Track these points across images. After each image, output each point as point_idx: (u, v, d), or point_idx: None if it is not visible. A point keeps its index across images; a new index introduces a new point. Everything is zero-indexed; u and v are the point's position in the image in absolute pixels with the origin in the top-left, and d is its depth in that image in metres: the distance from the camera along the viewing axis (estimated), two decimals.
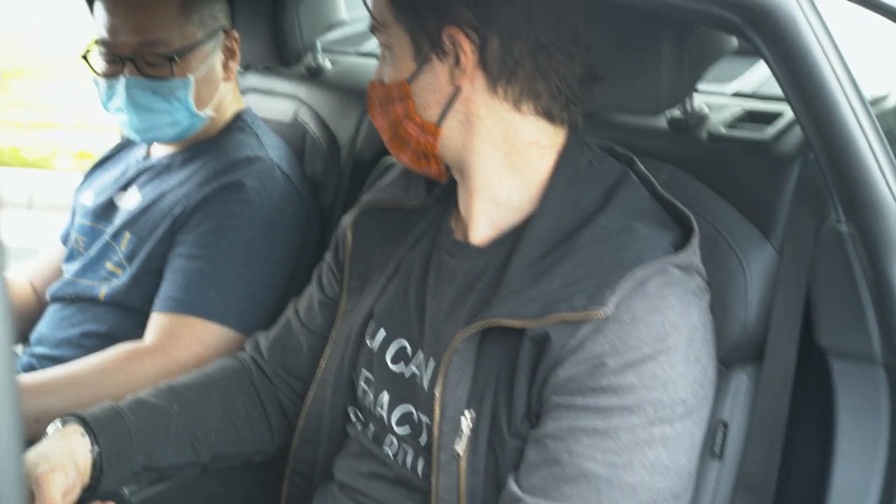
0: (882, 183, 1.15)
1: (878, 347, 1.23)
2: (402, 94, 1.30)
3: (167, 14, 1.89)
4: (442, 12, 1.24)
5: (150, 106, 1.90)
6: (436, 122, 1.29)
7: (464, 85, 1.26)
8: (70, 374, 1.74)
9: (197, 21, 1.93)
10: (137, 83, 1.88)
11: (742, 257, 1.35)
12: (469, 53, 1.24)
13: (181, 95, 1.91)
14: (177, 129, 1.95)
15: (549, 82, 1.26)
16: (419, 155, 1.33)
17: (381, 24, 1.31)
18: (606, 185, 1.28)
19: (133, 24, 1.87)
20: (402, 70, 1.30)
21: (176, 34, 1.89)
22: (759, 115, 1.54)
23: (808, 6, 1.08)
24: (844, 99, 1.11)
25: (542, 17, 1.23)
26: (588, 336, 1.15)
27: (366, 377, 1.42)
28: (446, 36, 1.24)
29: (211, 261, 1.84)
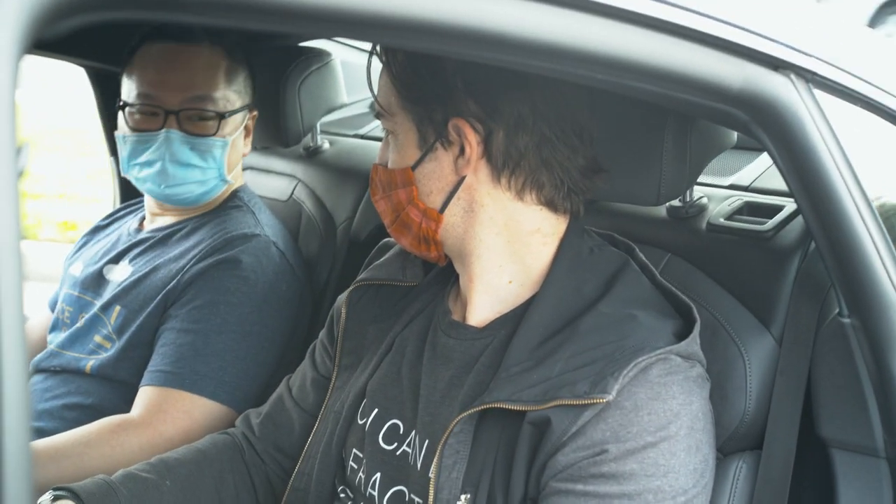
0: (885, 278, 1.17)
1: (881, 441, 1.24)
2: (405, 180, 1.31)
3: (215, 75, 1.97)
4: (448, 104, 1.26)
5: (187, 161, 1.94)
6: (439, 209, 1.30)
7: (468, 174, 1.28)
8: (53, 446, 1.71)
9: (236, 89, 2.01)
10: (179, 137, 1.93)
11: (742, 347, 1.36)
12: (474, 145, 1.26)
13: (217, 155, 1.96)
14: (202, 189, 1.99)
15: (553, 174, 1.27)
16: (420, 240, 1.33)
17: (386, 112, 1.32)
18: (607, 273, 1.29)
19: (183, 80, 1.93)
20: (406, 157, 1.31)
21: (221, 95, 1.97)
22: (759, 207, 1.57)
23: (813, 104, 1.12)
24: (848, 195, 1.13)
25: (546, 111, 1.25)
26: (589, 422, 1.14)
27: (355, 455, 1.40)
28: (452, 127, 1.26)
29: (204, 335, 1.83)
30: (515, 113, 1.24)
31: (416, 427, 1.32)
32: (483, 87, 1.24)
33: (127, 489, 1.41)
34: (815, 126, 1.11)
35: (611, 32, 0.96)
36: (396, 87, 1.29)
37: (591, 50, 0.95)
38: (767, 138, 1.12)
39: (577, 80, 1.12)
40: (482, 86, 1.24)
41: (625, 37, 0.97)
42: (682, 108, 1.31)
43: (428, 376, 1.34)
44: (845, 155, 1.13)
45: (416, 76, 1.27)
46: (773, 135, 1.11)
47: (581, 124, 1.28)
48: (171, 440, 1.73)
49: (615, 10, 0.95)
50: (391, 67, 1.29)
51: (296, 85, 2.22)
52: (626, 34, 0.97)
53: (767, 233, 1.46)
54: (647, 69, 1.00)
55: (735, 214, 1.55)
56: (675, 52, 1.01)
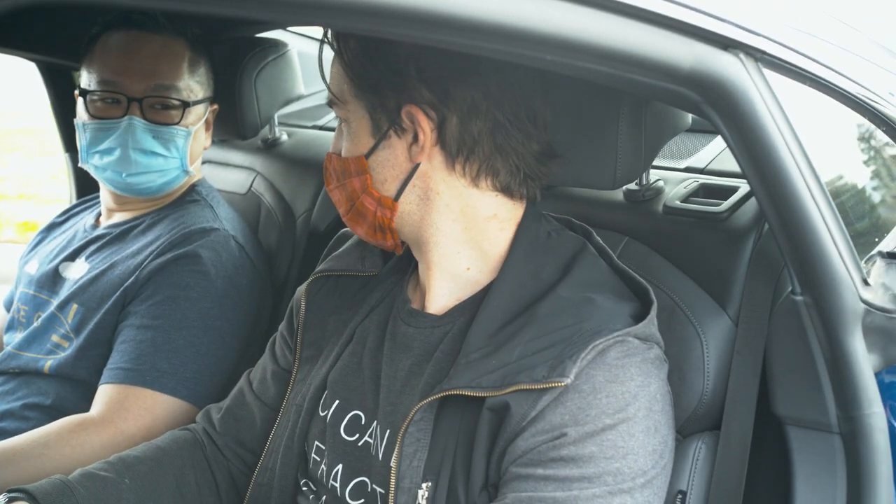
0: (836, 255, 1.18)
1: (834, 417, 1.25)
2: (359, 168, 1.30)
3: (179, 65, 1.96)
4: (401, 90, 1.25)
5: (150, 149, 1.93)
6: (393, 197, 1.29)
7: (422, 161, 1.27)
8: (10, 447, 1.68)
9: (199, 80, 2.01)
10: (142, 125, 1.91)
11: (699, 328, 1.37)
12: (427, 131, 1.25)
13: (180, 144, 1.95)
14: (163, 179, 1.98)
15: (507, 160, 1.27)
16: (376, 228, 1.33)
17: (339, 100, 1.31)
18: (565, 257, 1.29)
19: (147, 67, 1.92)
20: (360, 145, 1.30)
21: (184, 85, 1.96)
22: (714, 189, 1.58)
23: (764, 85, 1.12)
24: (799, 174, 1.14)
25: (499, 97, 1.25)
26: (548, 406, 1.15)
27: (317, 447, 1.40)
28: (405, 114, 1.25)
29: (164, 331, 1.81)
30: (469, 99, 1.24)
31: (377, 417, 1.32)
32: (436, 73, 1.23)
33: (84, 488, 1.39)
34: (765, 105, 1.11)
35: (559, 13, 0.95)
36: (349, 74, 1.28)
37: (539, 31, 0.95)
38: (718, 118, 1.13)
39: (525, 61, 1.12)
40: (435, 72, 1.23)
41: (573, 17, 0.97)
42: (634, 90, 1.31)
43: (388, 365, 1.34)
44: (796, 134, 1.14)
45: (368, 63, 1.26)
46: (724, 115, 1.12)
47: (535, 110, 1.28)
48: (132, 438, 1.72)
49: None
50: (343, 55, 1.28)
51: (252, 76, 2.21)
52: (575, 14, 0.97)
53: (722, 214, 1.47)
54: (596, 50, 1.00)
55: (691, 197, 1.56)
56: (624, 33, 1.01)
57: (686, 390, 1.35)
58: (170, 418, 1.77)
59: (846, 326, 1.20)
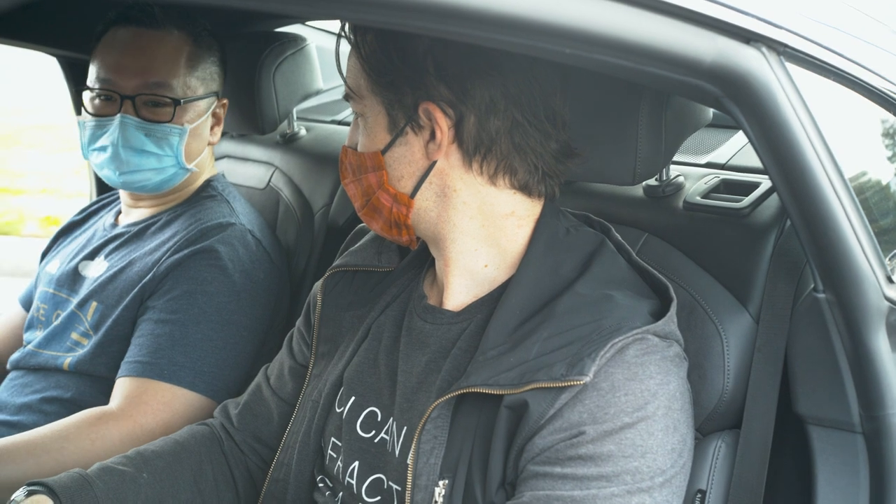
0: (859, 252, 1.17)
1: (857, 416, 1.23)
2: (376, 164, 1.29)
3: (175, 61, 1.94)
4: (419, 88, 1.24)
5: (141, 147, 1.91)
6: (409, 194, 1.29)
7: (439, 159, 1.26)
8: (30, 440, 1.69)
9: (200, 76, 1.98)
10: (133, 122, 1.90)
11: (719, 325, 1.35)
12: (445, 129, 1.24)
13: (174, 142, 1.93)
14: (160, 177, 1.96)
15: (525, 159, 1.26)
16: (391, 224, 1.32)
17: (356, 94, 1.30)
18: (584, 254, 1.28)
19: (140, 65, 1.91)
20: (376, 141, 1.29)
21: (180, 82, 1.94)
22: (735, 185, 1.57)
23: (786, 79, 1.10)
24: (822, 169, 1.12)
25: (518, 96, 1.24)
26: (567, 404, 1.14)
27: (334, 444, 1.39)
28: (422, 111, 1.24)
29: (181, 325, 1.82)
30: (487, 97, 1.22)
31: (393, 414, 1.31)
32: (454, 70, 1.22)
33: (103, 482, 1.40)
34: (787, 100, 1.09)
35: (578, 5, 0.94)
36: (366, 69, 1.27)
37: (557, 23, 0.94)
38: (740, 113, 1.11)
39: (544, 55, 1.11)
40: (453, 70, 1.22)
41: (593, 10, 0.96)
42: (654, 84, 1.30)
43: (405, 362, 1.33)
44: (819, 129, 1.12)
45: (386, 60, 1.25)
46: (746, 109, 1.10)
47: (554, 109, 1.26)
48: (151, 432, 1.72)
49: None
50: (360, 50, 1.27)
51: (271, 71, 2.20)
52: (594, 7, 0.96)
53: (744, 210, 1.45)
54: (616, 43, 0.99)
55: (711, 192, 1.55)
56: (644, 25, 1.00)
57: (706, 388, 1.34)
58: (188, 412, 1.77)
59: (869, 325, 1.18)
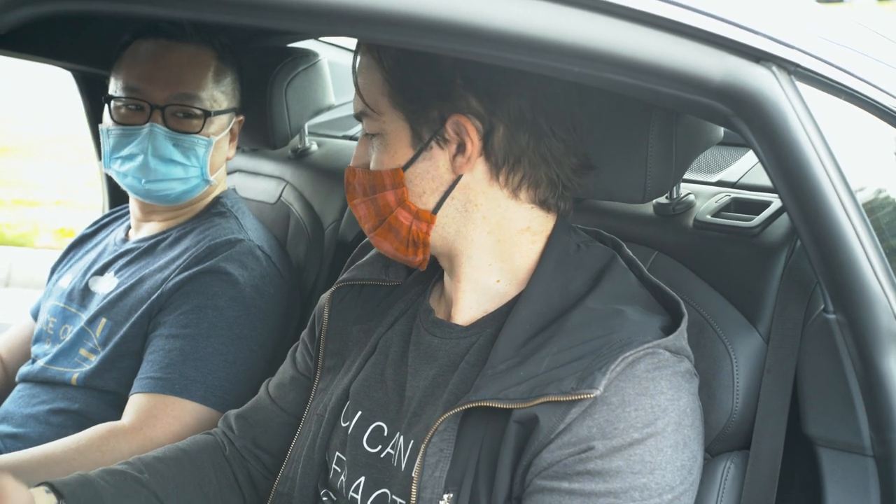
0: (870, 273, 1.16)
1: (868, 439, 1.22)
2: (395, 181, 1.28)
3: (203, 74, 1.97)
4: (446, 100, 1.23)
5: (169, 157, 1.93)
6: (432, 210, 1.28)
7: (465, 173, 1.26)
8: (43, 453, 1.70)
9: (224, 91, 2.01)
10: (163, 132, 1.92)
11: (729, 345, 1.34)
12: (476, 141, 1.23)
13: (200, 153, 1.96)
14: (183, 187, 1.98)
15: (550, 171, 1.26)
16: (408, 244, 1.31)
17: (374, 111, 1.29)
18: (594, 270, 1.28)
19: (171, 76, 1.93)
20: (397, 157, 1.27)
21: (207, 95, 1.97)
22: (746, 203, 1.56)
23: (796, 98, 1.10)
24: (832, 189, 1.11)
25: (546, 106, 1.23)
26: (576, 418, 1.13)
27: (338, 458, 1.39)
28: (451, 124, 1.23)
29: (192, 340, 1.82)
30: (516, 108, 1.22)
31: (400, 429, 1.31)
32: (483, 81, 1.21)
33: (104, 480, 1.39)
34: (797, 119, 1.09)
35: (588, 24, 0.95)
36: (389, 84, 1.26)
37: (568, 42, 0.94)
38: (750, 132, 1.11)
39: (554, 73, 1.11)
40: (482, 80, 1.21)
41: (603, 29, 0.96)
42: (664, 103, 1.30)
43: (412, 376, 1.33)
44: (829, 149, 1.12)
45: (412, 73, 1.24)
46: (756, 128, 1.10)
47: (576, 118, 1.27)
48: (161, 445, 1.72)
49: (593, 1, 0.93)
50: (383, 63, 1.26)
51: (283, 86, 2.21)
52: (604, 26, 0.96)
53: (754, 229, 1.45)
54: (625, 61, 0.99)
55: (722, 211, 1.54)
56: (654, 44, 1.00)
57: (715, 408, 1.33)
58: (199, 426, 1.77)
59: (881, 347, 1.17)
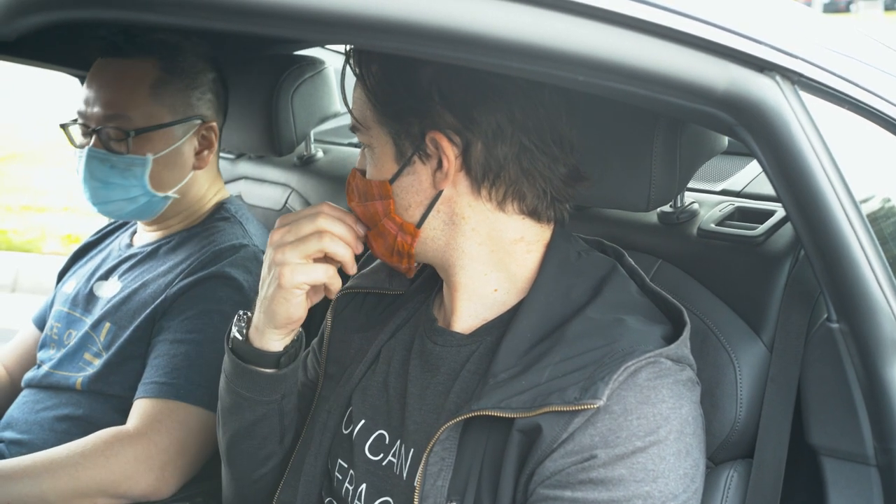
0: (874, 282, 1.16)
1: (871, 449, 1.22)
2: (382, 193, 1.29)
3: (135, 92, 1.92)
4: (424, 116, 1.24)
5: (106, 179, 1.91)
6: (416, 224, 1.28)
7: (446, 188, 1.26)
8: (48, 458, 1.71)
9: (166, 105, 1.95)
10: (97, 154, 1.90)
11: (732, 353, 1.34)
12: (451, 158, 1.24)
13: (137, 173, 1.92)
14: (134, 206, 1.96)
15: (534, 184, 1.26)
16: (393, 252, 1.32)
17: (362, 125, 1.30)
18: (595, 278, 1.28)
19: (103, 98, 1.90)
20: (384, 170, 1.29)
21: (139, 112, 1.91)
22: (750, 212, 1.56)
23: (799, 106, 1.10)
24: (835, 198, 1.12)
25: (524, 121, 1.23)
26: (579, 427, 1.13)
27: (340, 466, 1.39)
28: (429, 140, 1.24)
29: (197, 345, 1.82)
30: (493, 124, 1.22)
31: (401, 436, 1.31)
32: (459, 98, 1.22)
33: None
34: (801, 128, 1.09)
35: (592, 33, 0.95)
36: (371, 101, 1.27)
37: (571, 51, 0.94)
38: (753, 141, 1.11)
39: (557, 82, 1.11)
40: (459, 97, 1.22)
41: (606, 38, 0.96)
42: (668, 111, 1.30)
43: (414, 385, 1.33)
44: (832, 157, 1.12)
45: (391, 90, 1.25)
46: (759, 137, 1.10)
47: (560, 133, 1.26)
48: (166, 451, 1.73)
49: (596, 10, 0.94)
50: (366, 81, 1.27)
51: (289, 93, 2.22)
52: (608, 35, 0.96)
53: (758, 238, 1.45)
54: (629, 70, 0.99)
55: (726, 220, 1.54)
56: (658, 54, 1.00)
57: (718, 417, 1.33)
58: (204, 430, 1.78)
59: (884, 356, 1.17)
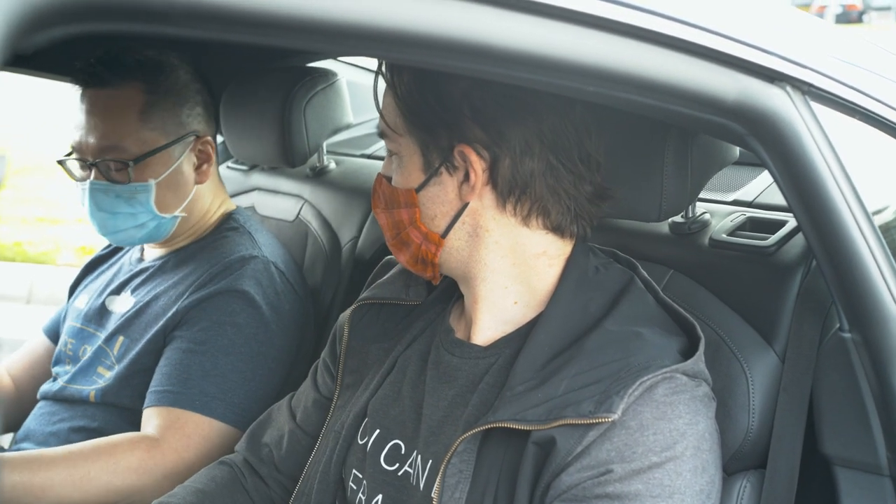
0: (886, 292, 1.16)
1: (884, 459, 1.22)
2: (409, 201, 1.30)
3: (125, 121, 1.90)
4: (454, 129, 1.24)
5: (113, 209, 1.91)
6: (441, 234, 1.29)
7: (472, 200, 1.27)
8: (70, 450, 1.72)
9: (158, 128, 1.93)
10: (101, 187, 1.89)
11: (745, 363, 1.34)
12: (479, 172, 1.24)
13: (143, 199, 1.91)
14: (144, 231, 1.95)
15: (559, 201, 1.27)
16: (417, 260, 1.33)
17: (393, 132, 1.30)
18: (613, 292, 1.28)
19: (95, 130, 1.89)
20: (410, 179, 1.29)
21: (133, 140, 1.90)
22: (761, 223, 1.56)
23: (810, 117, 1.11)
24: (847, 208, 1.12)
25: (553, 139, 1.24)
26: (594, 441, 1.13)
27: (355, 476, 1.39)
28: (457, 153, 1.25)
29: (211, 356, 1.83)
30: (522, 140, 1.23)
31: (418, 447, 1.31)
32: (490, 113, 1.23)
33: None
34: (811, 139, 1.10)
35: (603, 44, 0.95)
36: (402, 109, 1.28)
37: (582, 62, 0.95)
38: (764, 151, 1.11)
39: (568, 93, 1.12)
40: (489, 112, 1.23)
41: (618, 49, 0.96)
42: (678, 121, 1.30)
43: (431, 395, 1.33)
44: (843, 168, 1.12)
45: (422, 101, 1.25)
46: (770, 148, 1.10)
47: (588, 151, 1.27)
48: (191, 465, 1.74)
49: (608, 21, 0.94)
50: (396, 90, 1.28)
51: (301, 105, 2.23)
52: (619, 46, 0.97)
53: (770, 248, 1.45)
54: (639, 81, 1.00)
55: (737, 230, 1.54)
56: (668, 64, 1.01)
57: (731, 427, 1.33)
58: (218, 442, 1.78)
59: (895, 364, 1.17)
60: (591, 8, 0.91)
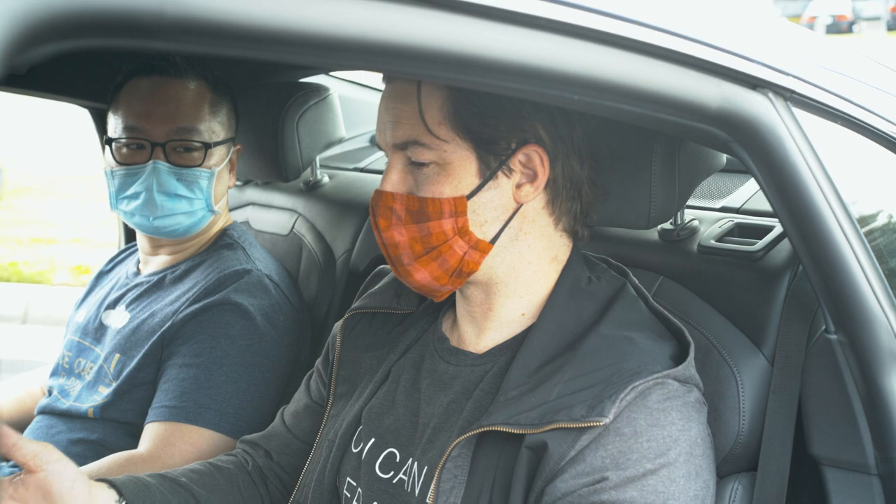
0: (869, 292, 1.17)
1: (872, 458, 1.23)
2: (457, 209, 1.25)
3: (199, 107, 1.98)
4: (516, 130, 1.24)
5: (174, 192, 1.94)
6: (490, 239, 1.27)
7: (526, 202, 1.27)
8: None
9: (223, 122, 2.03)
10: (166, 168, 1.93)
11: (734, 367, 1.36)
12: (546, 171, 1.25)
13: (204, 185, 1.97)
14: (190, 221, 1.99)
15: (588, 199, 1.30)
16: (451, 273, 1.28)
17: (437, 139, 1.25)
18: (605, 298, 1.29)
19: (169, 112, 1.95)
20: (460, 186, 1.25)
21: (206, 127, 1.98)
22: (749, 228, 1.58)
23: (793, 123, 1.12)
24: (830, 213, 1.13)
25: (595, 136, 1.27)
26: (588, 447, 1.14)
27: (349, 484, 1.40)
28: (522, 154, 1.25)
29: (206, 368, 1.84)
30: (576, 138, 1.26)
31: (413, 454, 1.32)
32: (548, 111, 1.23)
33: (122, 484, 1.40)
34: (794, 144, 1.11)
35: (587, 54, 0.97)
36: (458, 112, 1.24)
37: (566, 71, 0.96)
38: (748, 157, 1.13)
39: (555, 101, 1.13)
40: (548, 110, 1.23)
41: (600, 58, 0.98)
42: (664, 129, 1.32)
43: (427, 403, 1.34)
44: (827, 173, 1.14)
45: (479, 102, 1.23)
46: (754, 153, 1.12)
47: (601, 153, 1.30)
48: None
49: (592, 32, 0.96)
50: (451, 92, 1.24)
51: (294, 120, 2.24)
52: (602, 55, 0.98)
53: (757, 253, 1.46)
54: (623, 89, 1.01)
55: (725, 236, 1.56)
56: (651, 72, 1.02)
57: (722, 430, 1.34)
58: (214, 453, 1.79)
59: (882, 366, 1.18)
60: (575, 18, 0.93)
